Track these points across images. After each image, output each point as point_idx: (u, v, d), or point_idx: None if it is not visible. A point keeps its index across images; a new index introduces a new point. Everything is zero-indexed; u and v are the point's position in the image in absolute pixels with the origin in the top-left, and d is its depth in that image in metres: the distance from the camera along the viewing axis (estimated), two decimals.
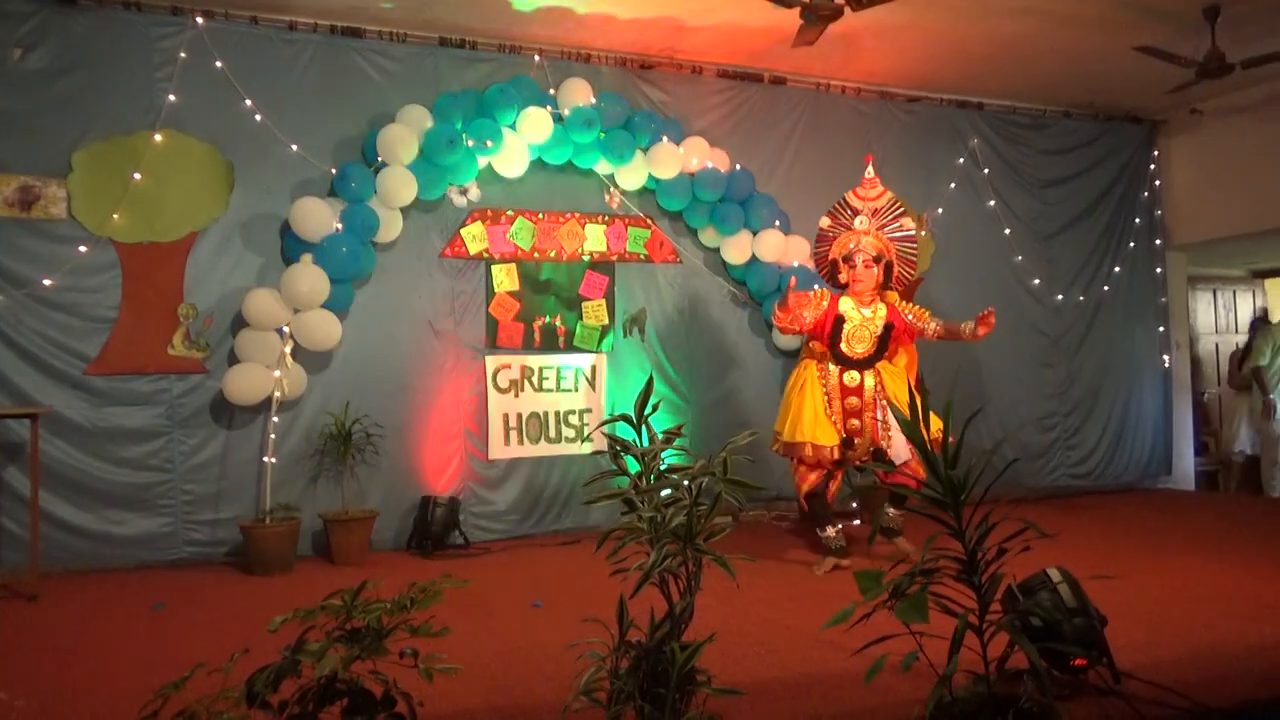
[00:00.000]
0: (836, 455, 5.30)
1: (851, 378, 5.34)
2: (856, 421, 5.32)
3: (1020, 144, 8.15)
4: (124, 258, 5.59)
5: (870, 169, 5.59)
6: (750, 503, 6.82)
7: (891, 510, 5.37)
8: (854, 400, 5.31)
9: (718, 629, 2.84)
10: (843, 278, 5.44)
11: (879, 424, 5.29)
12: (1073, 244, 8.29)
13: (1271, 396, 8.49)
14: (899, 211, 5.48)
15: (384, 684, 2.26)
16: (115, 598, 4.83)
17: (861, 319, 5.36)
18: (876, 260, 5.37)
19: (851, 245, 5.39)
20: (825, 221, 5.56)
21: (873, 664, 2.38)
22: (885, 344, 5.38)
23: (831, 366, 5.37)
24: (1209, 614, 4.03)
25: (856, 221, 5.42)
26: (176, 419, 5.66)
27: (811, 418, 5.28)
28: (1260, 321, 9.62)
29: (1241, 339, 9.78)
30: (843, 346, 5.34)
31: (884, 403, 5.29)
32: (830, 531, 5.30)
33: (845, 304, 5.39)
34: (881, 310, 5.39)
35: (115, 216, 5.54)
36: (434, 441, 6.26)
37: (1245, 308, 10.55)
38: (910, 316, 5.43)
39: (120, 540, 5.51)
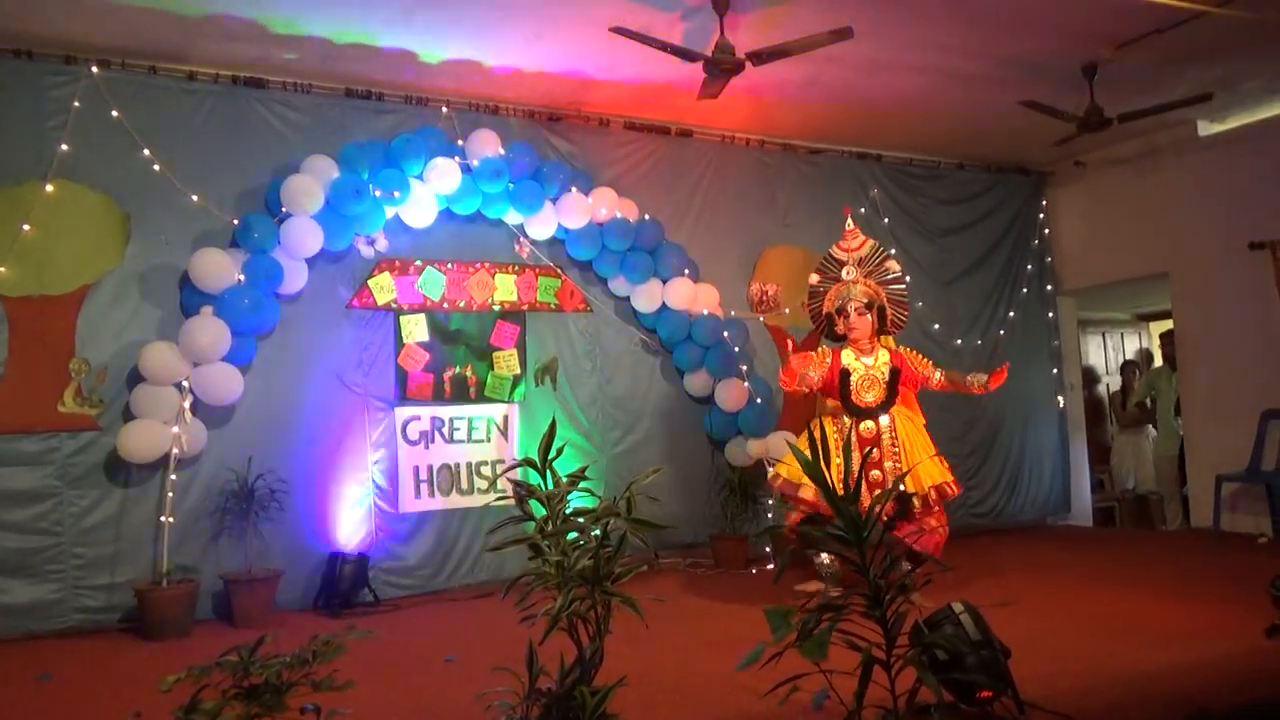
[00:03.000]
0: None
1: (868, 428, 5.43)
2: (878, 472, 5.33)
3: (918, 194, 8.45)
4: (11, 311, 5.37)
5: (849, 221, 5.82)
6: (664, 549, 6.81)
7: (825, 557, 5.35)
8: (873, 451, 5.35)
9: (629, 674, 2.82)
10: (839, 329, 5.59)
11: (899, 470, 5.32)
12: (970, 290, 8.59)
13: (1153, 430, 8.91)
14: (883, 257, 5.68)
15: None
16: None
17: (865, 368, 5.50)
18: (869, 307, 5.54)
19: (843, 295, 5.56)
20: (814, 278, 5.73)
21: (780, 700, 2.39)
22: (895, 389, 5.49)
23: (846, 419, 5.44)
24: (1108, 644, 4.15)
25: (844, 272, 5.61)
26: (67, 479, 5.42)
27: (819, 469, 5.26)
28: (1132, 364, 10.09)
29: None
30: (854, 399, 5.45)
31: (896, 450, 5.37)
32: (825, 558, 5.32)
33: (847, 356, 5.53)
34: (884, 355, 5.56)
35: (2, 269, 5.33)
36: (342, 497, 6.11)
37: (1133, 349, 11.06)
38: (914, 365, 5.61)
39: (4, 610, 5.20)
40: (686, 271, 6.99)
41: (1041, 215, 9.05)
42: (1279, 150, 7.43)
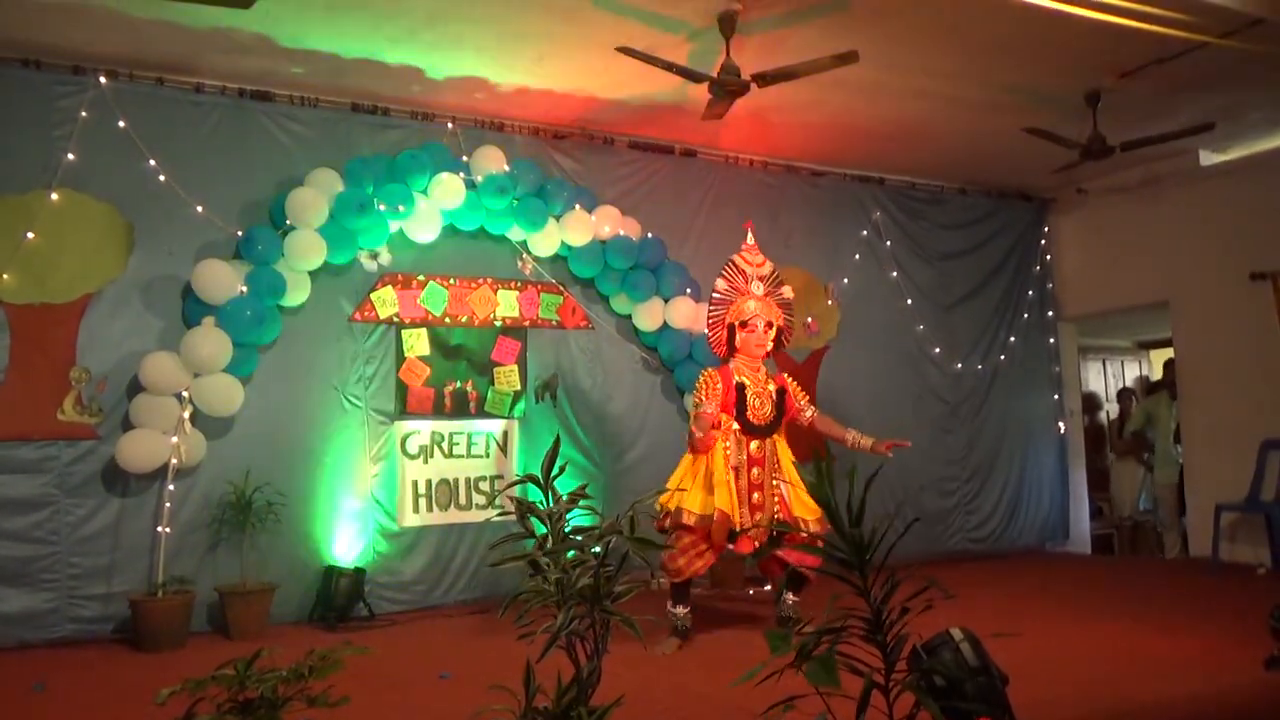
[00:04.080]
0: (735, 527, 4.98)
1: (758, 447, 5.21)
2: (759, 495, 5.14)
3: (920, 218, 8.48)
4: (13, 319, 5.37)
5: (750, 236, 5.60)
6: (661, 570, 6.77)
7: (791, 597, 5.20)
8: (757, 471, 5.16)
9: (626, 694, 2.80)
10: (739, 342, 5.34)
11: (780, 494, 5.16)
12: (971, 314, 8.61)
13: (1148, 457, 8.90)
14: (778, 279, 5.50)
15: None
16: None
17: (758, 384, 5.28)
18: (770, 326, 5.35)
19: (751, 308, 5.33)
20: (721, 284, 5.44)
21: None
22: (782, 410, 5.32)
23: (741, 437, 5.19)
24: (1106, 672, 4.14)
25: (753, 286, 5.39)
26: (65, 487, 5.40)
27: (713, 487, 5.01)
28: (1129, 392, 10.10)
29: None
30: (749, 415, 5.19)
31: (775, 477, 5.18)
32: (682, 611, 5.07)
33: (740, 372, 5.27)
34: (769, 379, 5.35)
35: (5, 276, 5.33)
36: (339, 510, 6.10)
37: (1133, 377, 11.07)
38: (794, 394, 5.42)
39: None
40: (688, 291, 7.00)
41: (1043, 241, 9.07)
42: None
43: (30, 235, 5.39)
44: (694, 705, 3.76)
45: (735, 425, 5.18)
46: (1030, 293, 8.93)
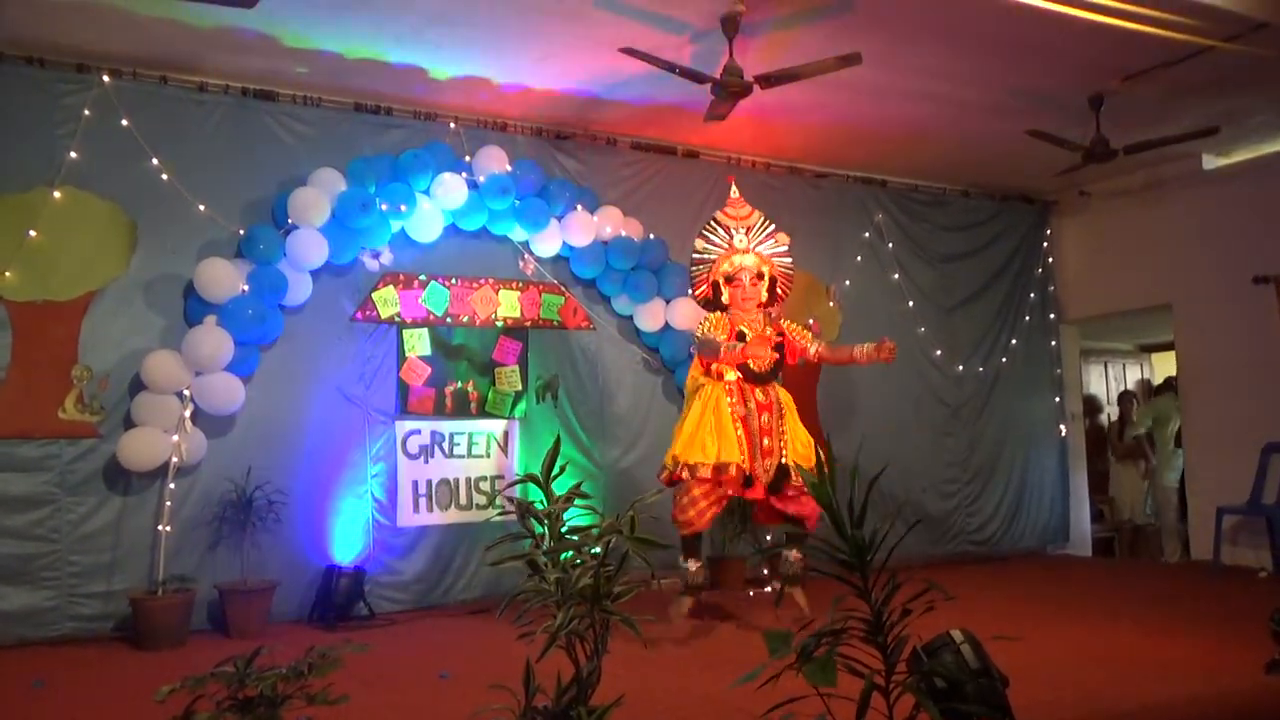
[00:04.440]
0: (742, 474, 5.06)
1: (764, 393, 5.27)
2: (769, 440, 5.18)
3: (922, 220, 8.47)
4: (15, 316, 5.37)
5: (734, 189, 5.61)
6: (662, 570, 6.77)
7: (793, 554, 5.29)
8: (766, 417, 5.22)
9: (626, 694, 2.80)
10: (725, 298, 5.37)
11: (786, 439, 5.22)
12: (972, 317, 8.60)
13: (1154, 461, 8.89)
14: (770, 228, 5.50)
15: None
16: None
17: (757, 331, 5.33)
18: (760, 276, 5.37)
19: (735, 263, 5.34)
20: (699, 243, 5.46)
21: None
22: (781, 358, 5.38)
23: (745, 385, 5.25)
24: (1106, 675, 4.13)
25: (735, 240, 5.39)
26: (66, 485, 5.40)
27: (721, 436, 5.07)
28: (1130, 395, 10.09)
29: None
30: (750, 363, 5.23)
31: (784, 419, 5.26)
32: (694, 566, 5.16)
33: (736, 321, 5.33)
34: (767, 325, 5.40)
35: (7, 274, 5.34)
36: (340, 509, 6.10)
37: (1134, 380, 11.06)
38: (793, 335, 5.47)
39: None
40: (690, 292, 6.99)
41: (1045, 244, 9.06)
42: None
43: (33, 233, 5.40)
44: (694, 705, 3.75)
45: (737, 374, 5.25)
46: (1032, 295, 8.93)
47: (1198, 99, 6.57)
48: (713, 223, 5.51)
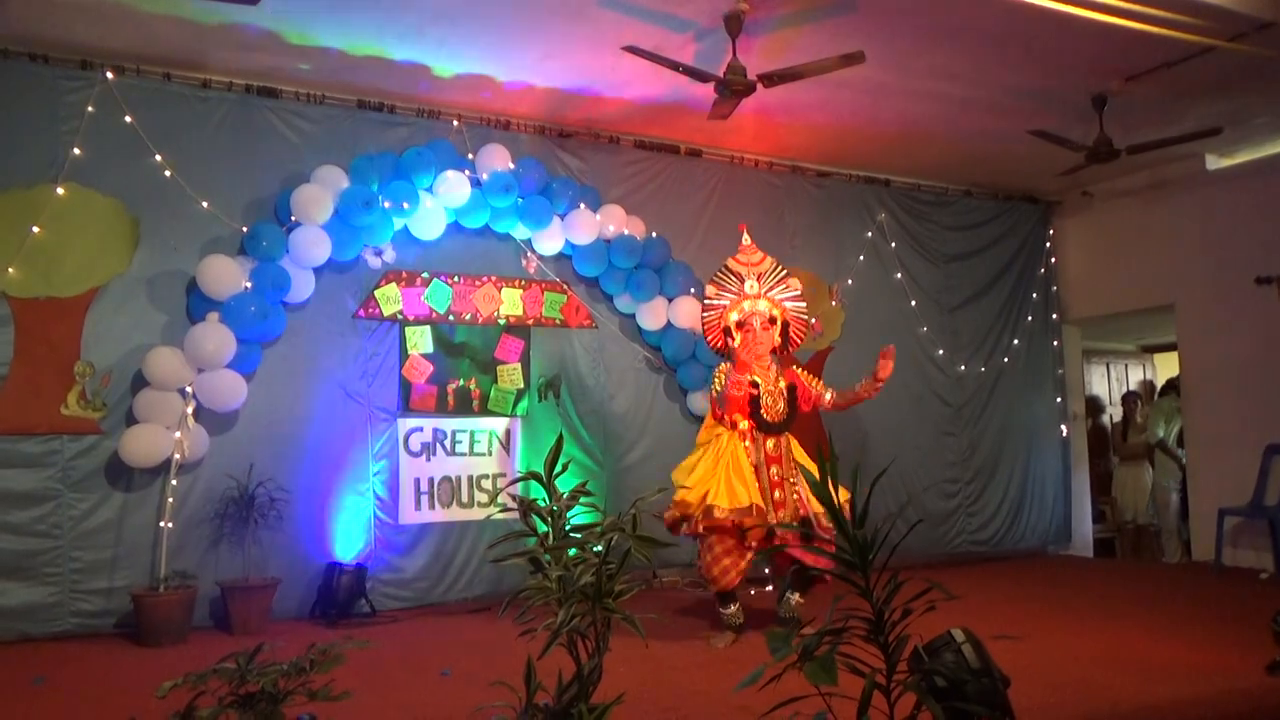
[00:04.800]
0: (764, 522, 4.93)
1: (774, 445, 5.21)
2: (779, 493, 5.11)
3: (925, 220, 8.46)
4: (17, 312, 5.38)
5: (746, 237, 5.58)
6: (663, 568, 6.78)
7: (796, 598, 5.17)
8: (776, 470, 5.15)
9: (627, 692, 2.80)
10: (735, 344, 5.31)
11: (798, 491, 5.14)
12: (974, 317, 8.59)
13: (1183, 460, 8.84)
14: (783, 274, 5.45)
15: None
16: None
17: (769, 381, 5.27)
18: (772, 322, 5.33)
19: (746, 308, 5.30)
20: (711, 290, 5.44)
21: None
22: (795, 407, 5.30)
23: (757, 435, 5.18)
24: (1107, 675, 4.13)
25: (746, 286, 5.35)
26: (68, 482, 5.41)
27: (741, 481, 4.97)
28: (1134, 395, 10.07)
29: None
30: (764, 413, 5.19)
31: (795, 471, 5.18)
32: (732, 609, 5.09)
33: (748, 369, 5.25)
34: (780, 376, 5.33)
35: (10, 270, 5.34)
36: (341, 506, 6.10)
37: (1137, 380, 11.04)
38: (808, 383, 5.40)
39: (0, 612, 5.19)
40: (692, 290, 6.99)
41: (1048, 244, 9.05)
42: None
43: (36, 229, 5.41)
44: (694, 703, 3.76)
45: (748, 424, 5.20)
46: (1034, 295, 8.92)
47: (1201, 99, 6.57)
48: (724, 270, 5.44)
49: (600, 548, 2.52)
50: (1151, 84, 6.25)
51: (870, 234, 8.14)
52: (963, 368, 8.43)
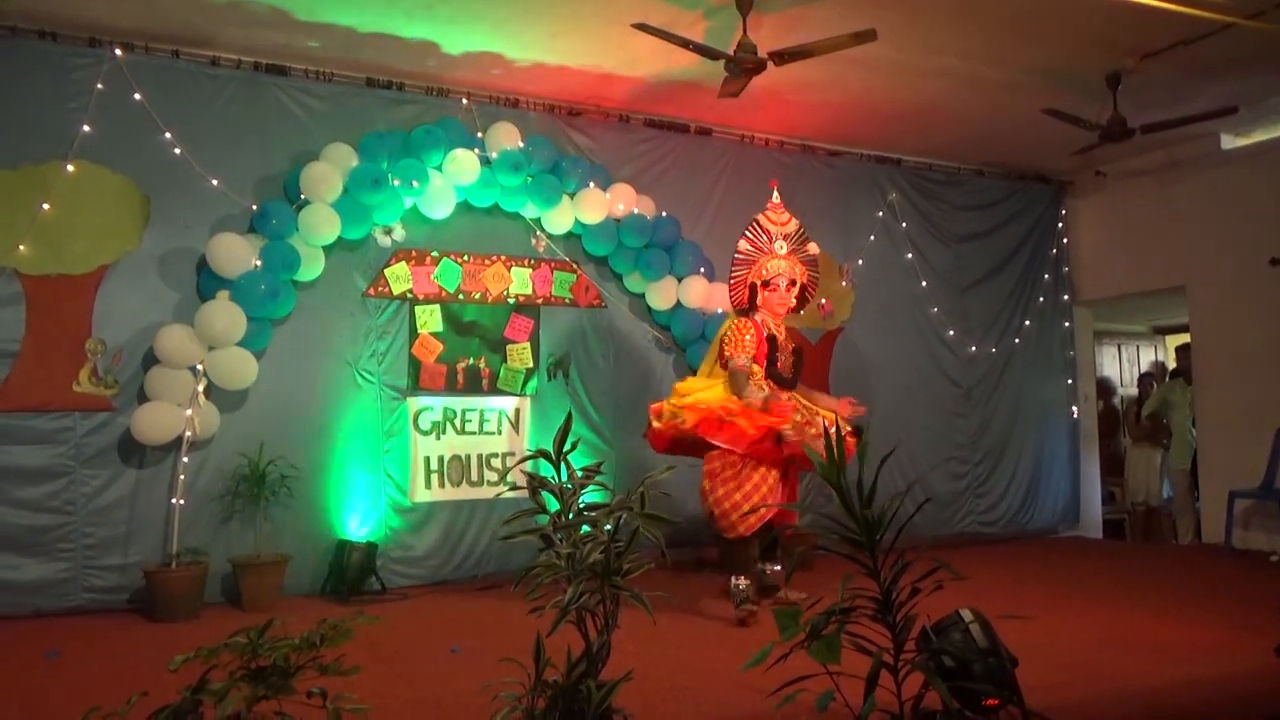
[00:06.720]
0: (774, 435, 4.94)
1: (789, 399, 5.23)
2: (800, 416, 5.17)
3: (936, 200, 8.42)
4: (29, 290, 5.40)
5: (776, 194, 5.62)
6: (672, 548, 6.79)
7: (771, 568, 5.31)
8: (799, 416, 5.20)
9: (635, 670, 2.82)
10: (761, 301, 5.41)
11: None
12: (985, 297, 8.56)
13: (1166, 442, 8.85)
14: (804, 237, 5.56)
15: None
16: (5, 646, 4.59)
17: (782, 338, 5.44)
18: (793, 284, 5.43)
19: (773, 267, 5.39)
20: (744, 244, 5.48)
21: (783, 699, 2.39)
22: (799, 370, 5.44)
23: (773, 387, 5.27)
24: (1115, 656, 4.13)
25: (776, 246, 5.42)
26: (81, 458, 5.44)
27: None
28: (1150, 376, 10.03)
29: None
30: (779, 367, 5.31)
31: (814, 414, 5.25)
32: (744, 583, 5.09)
33: (765, 325, 5.38)
34: (790, 338, 5.49)
35: (21, 247, 5.36)
36: (352, 484, 6.13)
37: (1148, 362, 10.99)
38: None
39: (13, 587, 5.23)
40: (702, 270, 6.98)
41: (1060, 224, 9.00)
42: None
43: (46, 206, 5.41)
44: (702, 681, 3.77)
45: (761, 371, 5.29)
46: (1046, 276, 8.88)
47: (1217, 78, 6.50)
48: (755, 225, 5.51)
49: (609, 526, 2.53)
50: (1167, 62, 6.19)
51: (881, 214, 8.10)
52: (973, 349, 8.40)
